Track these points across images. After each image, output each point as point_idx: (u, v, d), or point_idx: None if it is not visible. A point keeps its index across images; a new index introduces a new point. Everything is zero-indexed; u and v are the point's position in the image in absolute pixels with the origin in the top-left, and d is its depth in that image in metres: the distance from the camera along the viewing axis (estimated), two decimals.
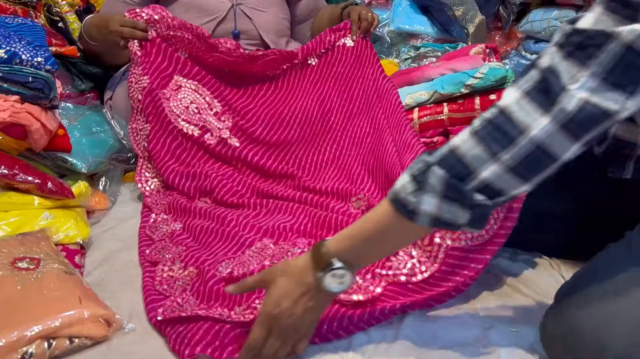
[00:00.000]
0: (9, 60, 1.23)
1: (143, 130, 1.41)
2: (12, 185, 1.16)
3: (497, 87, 1.52)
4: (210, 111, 1.46)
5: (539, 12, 1.82)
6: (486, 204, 0.72)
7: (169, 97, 1.43)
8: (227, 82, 1.55)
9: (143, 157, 1.42)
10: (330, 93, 1.55)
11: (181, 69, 1.48)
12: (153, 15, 1.45)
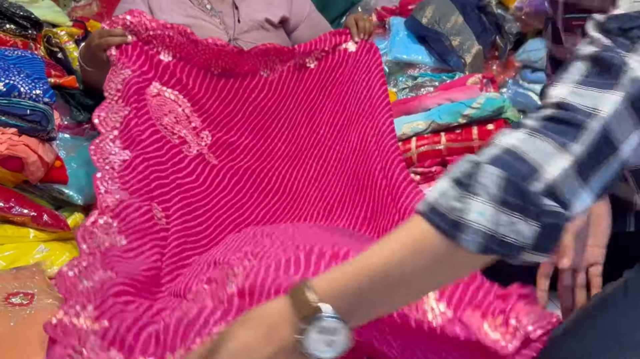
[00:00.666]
0: (8, 93, 1.24)
1: (120, 112, 1.25)
2: (8, 217, 1.16)
3: (494, 116, 1.53)
4: (189, 124, 1.38)
5: (536, 42, 1.85)
6: (559, 213, 0.54)
7: (147, 103, 1.33)
8: (212, 89, 1.46)
9: (108, 134, 1.21)
10: (323, 103, 1.49)
11: (161, 76, 1.39)
12: (130, 20, 1.37)
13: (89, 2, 2.22)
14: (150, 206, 1.12)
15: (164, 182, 1.22)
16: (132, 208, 1.07)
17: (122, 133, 1.20)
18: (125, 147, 1.19)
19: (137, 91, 1.30)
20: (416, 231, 0.54)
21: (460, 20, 1.93)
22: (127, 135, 1.20)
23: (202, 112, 1.42)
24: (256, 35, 1.71)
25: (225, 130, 1.42)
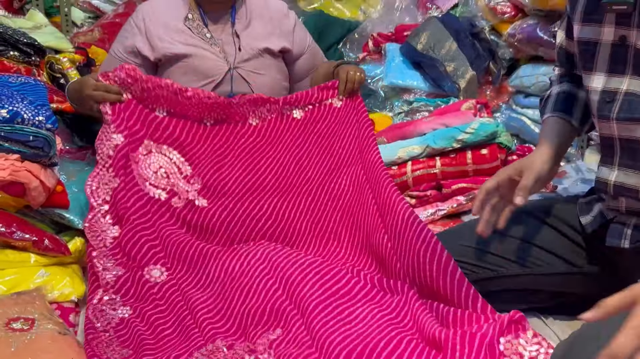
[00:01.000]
0: (11, 119, 1.26)
1: (110, 183, 1.34)
2: (9, 242, 1.17)
3: (488, 141, 1.56)
4: (179, 175, 1.43)
5: (528, 68, 1.89)
6: None
7: (138, 162, 1.41)
8: (205, 138, 1.50)
9: (99, 208, 1.31)
10: (310, 149, 1.51)
11: (152, 133, 1.45)
12: (126, 79, 1.43)
13: (91, 29, 2.27)
14: (145, 272, 1.23)
15: (154, 244, 1.29)
16: (130, 282, 1.21)
17: (112, 208, 1.30)
18: (115, 223, 1.29)
19: (128, 159, 1.37)
20: None
21: (455, 46, 1.97)
22: (116, 211, 1.30)
23: (193, 160, 1.45)
24: (255, 63, 1.74)
25: (214, 172, 1.45)
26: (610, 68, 0.95)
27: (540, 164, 1.02)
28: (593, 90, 0.97)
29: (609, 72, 0.95)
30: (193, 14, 1.76)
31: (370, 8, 2.47)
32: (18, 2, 2.34)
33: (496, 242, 1.10)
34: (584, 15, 0.98)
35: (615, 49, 0.94)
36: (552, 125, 1.08)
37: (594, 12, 0.95)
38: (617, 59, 0.94)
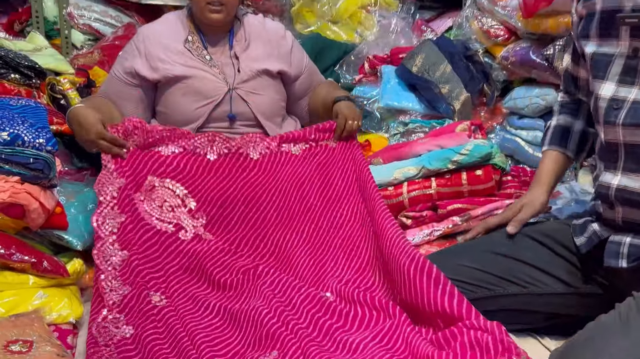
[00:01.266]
0: (12, 142, 1.28)
1: (116, 218, 1.38)
2: (8, 264, 1.18)
3: (483, 162, 1.58)
4: (184, 208, 1.46)
5: (522, 90, 1.92)
6: None
7: (143, 199, 1.44)
8: (208, 171, 1.54)
9: (107, 239, 1.34)
10: (312, 177, 1.55)
11: (156, 169, 1.49)
12: (133, 130, 1.50)
13: (91, 51, 2.29)
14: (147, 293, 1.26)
15: (158, 274, 1.33)
16: (134, 300, 1.24)
17: (119, 237, 1.34)
18: (123, 248, 1.33)
19: (132, 197, 1.41)
20: None
21: (449, 69, 2.00)
22: (124, 239, 1.34)
23: (196, 193, 1.48)
24: (254, 84, 1.77)
25: (218, 206, 1.47)
26: (621, 78, 1.00)
27: (540, 205, 1.20)
28: (602, 98, 1.02)
29: (620, 82, 1.00)
30: (193, 37, 1.80)
31: (366, 31, 2.50)
32: (19, 24, 2.38)
33: (493, 262, 1.12)
34: (600, 31, 1.03)
35: (628, 60, 0.99)
36: (550, 159, 1.22)
37: (609, 28, 1.00)
38: (629, 70, 0.99)
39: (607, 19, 1.01)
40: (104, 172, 1.45)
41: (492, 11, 2.04)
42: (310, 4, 2.51)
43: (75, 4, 2.41)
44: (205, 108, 1.72)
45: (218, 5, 1.70)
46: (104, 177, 1.42)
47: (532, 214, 1.18)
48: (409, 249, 1.21)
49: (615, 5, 0.99)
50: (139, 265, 1.30)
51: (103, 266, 1.27)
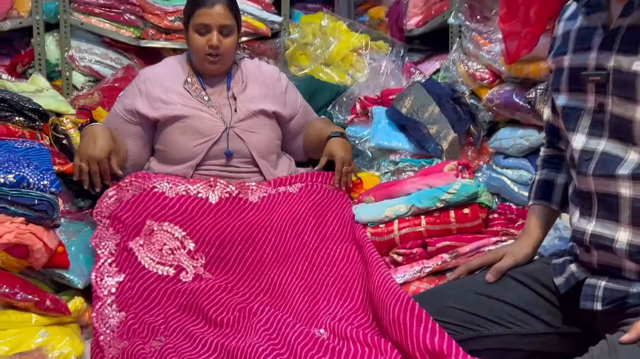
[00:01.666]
0: (18, 184, 1.33)
1: (115, 277, 1.44)
2: (12, 303, 1.22)
3: (469, 201, 1.64)
4: (183, 250, 1.51)
5: (507, 131, 1.99)
6: None
7: (143, 244, 1.50)
8: (206, 212, 1.60)
9: (105, 299, 1.40)
10: (307, 216, 1.62)
11: (155, 213, 1.56)
12: (135, 180, 1.65)
13: (91, 92, 2.37)
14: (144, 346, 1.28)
15: (159, 318, 1.37)
16: (133, 350, 1.26)
17: (118, 298, 1.40)
18: (121, 309, 1.39)
19: (130, 251, 1.48)
20: None
21: (437, 110, 2.08)
22: (122, 299, 1.40)
23: (194, 234, 1.54)
24: (251, 123, 1.85)
25: (217, 246, 1.53)
26: (590, 131, 1.06)
27: (522, 257, 1.23)
28: (574, 149, 1.08)
29: (589, 135, 1.06)
30: (192, 79, 1.89)
31: (357, 72, 2.60)
32: (21, 66, 2.46)
33: (477, 303, 1.16)
34: (569, 86, 1.10)
35: (595, 114, 1.05)
36: (536, 213, 1.27)
37: (577, 83, 1.07)
38: (596, 123, 1.05)
39: (575, 75, 1.07)
40: (100, 227, 1.52)
41: (478, 55, 2.14)
42: (303, 47, 2.62)
43: (76, 47, 2.50)
44: (203, 146, 1.79)
45: (215, 56, 1.80)
46: (101, 232, 1.50)
47: (512, 264, 1.20)
48: (395, 289, 1.26)
49: (581, 63, 1.06)
50: (135, 324, 1.34)
51: (101, 329, 1.32)
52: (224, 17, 1.80)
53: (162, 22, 2.60)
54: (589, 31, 1.06)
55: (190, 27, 1.82)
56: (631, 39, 0.98)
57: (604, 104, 1.03)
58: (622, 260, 1.00)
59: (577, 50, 1.08)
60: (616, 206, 1.01)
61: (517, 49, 1.74)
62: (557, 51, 1.14)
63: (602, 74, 1.01)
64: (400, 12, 2.70)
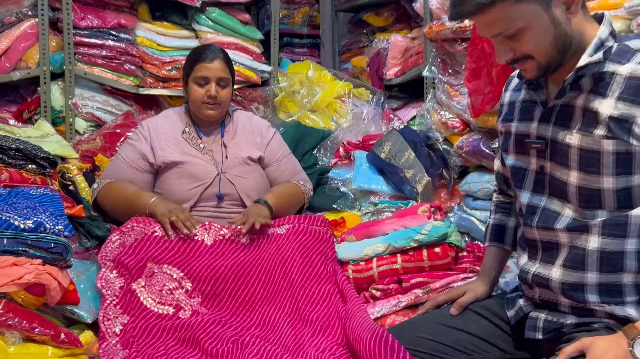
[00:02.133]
0: (36, 229, 1.49)
1: (119, 318, 1.59)
2: (31, 336, 1.37)
3: (440, 241, 1.82)
4: (181, 290, 1.67)
5: (475, 176, 2.18)
6: None
7: (145, 285, 1.66)
8: (202, 254, 1.76)
9: (110, 339, 1.54)
10: (294, 256, 1.78)
11: (155, 256, 1.71)
12: (137, 226, 1.79)
13: (93, 137, 2.54)
14: None
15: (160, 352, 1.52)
16: None
17: (122, 338, 1.55)
18: (125, 348, 1.53)
19: (133, 293, 1.63)
20: None
21: (413, 155, 2.28)
22: (126, 339, 1.55)
23: (191, 274, 1.70)
24: (240, 169, 2.03)
25: (212, 284, 1.68)
26: (534, 188, 1.24)
27: (482, 293, 1.41)
28: (522, 203, 1.26)
29: (533, 192, 1.24)
30: (189, 128, 2.07)
31: (340, 118, 2.80)
32: (28, 113, 2.63)
33: (444, 334, 1.33)
34: (515, 149, 1.28)
35: (537, 175, 1.23)
36: (491, 255, 1.44)
37: (522, 147, 1.25)
38: (538, 182, 1.23)
39: (520, 141, 1.26)
40: (105, 269, 1.67)
41: (450, 105, 2.35)
42: (291, 95, 2.82)
43: (80, 95, 2.67)
44: (197, 189, 1.96)
45: (213, 104, 1.99)
46: (106, 274, 1.65)
47: (472, 299, 1.38)
48: (371, 325, 1.43)
49: (525, 131, 1.24)
50: (138, 356, 1.49)
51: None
52: (221, 70, 1.99)
53: (160, 71, 2.79)
54: (531, 104, 1.25)
55: (191, 80, 2.00)
56: (564, 115, 1.16)
57: (544, 167, 1.21)
58: (558, 296, 1.18)
59: (522, 119, 1.26)
60: (555, 252, 1.19)
61: (482, 104, 1.95)
62: (505, 117, 1.33)
63: (542, 143, 1.19)
64: (380, 62, 2.92)
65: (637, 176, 1.09)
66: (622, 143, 1.07)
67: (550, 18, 1.09)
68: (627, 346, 1.03)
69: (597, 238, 1.13)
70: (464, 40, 2.21)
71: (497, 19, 1.09)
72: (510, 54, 1.13)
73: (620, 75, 1.08)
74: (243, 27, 2.92)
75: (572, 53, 1.12)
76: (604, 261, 1.13)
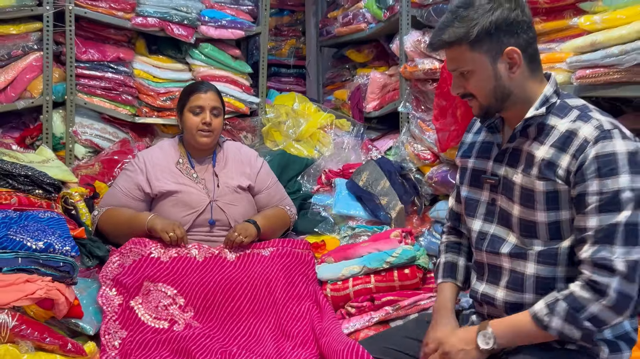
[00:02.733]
0: (46, 249, 1.67)
1: (118, 333, 1.74)
2: (42, 346, 1.54)
3: (409, 263, 2.01)
4: (175, 306, 1.83)
5: (443, 203, 2.40)
6: (592, 330, 1.21)
7: (142, 302, 1.82)
8: (193, 271, 1.93)
9: (109, 353, 1.68)
10: (277, 277, 1.95)
11: (151, 276, 1.88)
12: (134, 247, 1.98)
13: (92, 163, 2.71)
14: None
15: None
16: None
17: (120, 351, 1.71)
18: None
19: (131, 309, 1.79)
20: (530, 321, 1.28)
21: (388, 184, 2.48)
22: (124, 352, 1.70)
23: (184, 291, 1.86)
24: (230, 197, 2.22)
25: (202, 299, 1.85)
26: (485, 218, 1.43)
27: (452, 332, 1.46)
28: (473, 230, 1.46)
29: (484, 220, 1.44)
30: (183, 159, 2.26)
31: (323, 147, 3.00)
32: (30, 139, 2.80)
33: (408, 345, 1.50)
34: (470, 182, 1.48)
35: (488, 206, 1.43)
36: (445, 291, 1.52)
37: (477, 182, 1.45)
38: (489, 213, 1.43)
39: (476, 175, 1.46)
40: (105, 287, 1.84)
41: (422, 139, 2.57)
42: (277, 125, 3.02)
43: (79, 123, 2.84)
44: (191, 216, 2.15)
45: (208, 131, 2.18)
46: (106, 292, 1.82)
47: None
48: (345, 339, 1.62)
49: (481, 168, 1.44)
50: None
51: None
52: (215, 100, 2.20)
53: (155, 101, 2.98)
54: (488, 145, 1.45)
55: (186, 110, 2.20)
56: (513, 157, 1.36)
57: (495, 199, 1.41)
58: (502, 313, 1.39)
59: (479, 157, 1.46)
60: (499, 274, 1.40)
61: (447, 141, 2.17)
62: (463, 154, 1.53)
63: (495, 179, 1.40)
64: (360, 96, 3.15)
65: (564, 211, 1.30)
66: (551, 183, 1.29)
67: (494, 71, 1.30)
68: (474, 337, 1.31)
69: (534, 264, 1.33)
70: (434, 80, 2.45)
71: (454, 57, 1.32)
72: (460, 89, 1.35)
73: (557, 128, 1.29)
74: (234, 61, 3.13)
75: (511, 103, 1.33)
76: (539, 284, 1.32)
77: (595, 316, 1.21)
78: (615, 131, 1.23)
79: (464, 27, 1.27)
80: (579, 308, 1.22)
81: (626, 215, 1.19)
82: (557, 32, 1.92)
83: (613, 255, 1.19)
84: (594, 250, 1.22)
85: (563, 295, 1.25)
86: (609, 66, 1.63)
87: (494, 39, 1.28)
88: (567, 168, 1.26)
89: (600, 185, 1.21)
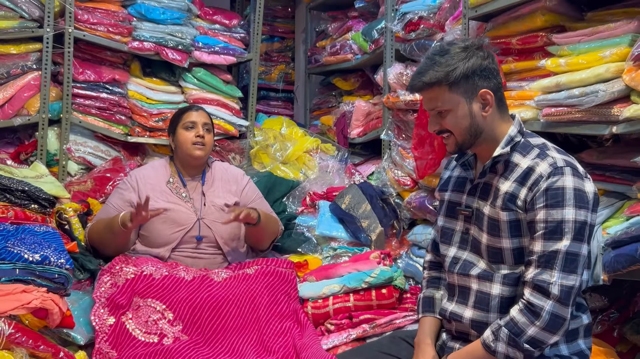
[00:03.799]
0: (42, 261, 1.76)
1: (109, 353, 1.80)
2: (35, 354, 1.62)
3: (387, 283, 2.13)
4: (164, 320, 1.91)
5: (420, 228, 2.52)
6: (532, 350, 1.34)
7: (132, 317, 1.90)
8: (181, 288, 2.01)
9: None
10: (261, 295, 2.03)
11: (141, 292, 1.97)
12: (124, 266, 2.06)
13: (84, 180, 2.79)
14: None
15: None
16: None
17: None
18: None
19: (122, 329, 1.88)
20: (480, 348, 1.42)
21: (369, 207, 2.61)
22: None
23: (172, 306, 1.95)
24: (217, 215, 2.33)
25: (190, 314, 1.93)
26: (459, 245, 1.57)
27: None
28: (447, 256, 1.58)
29: (458, 247, 1.57)
30: (173, 178, 2.37)
31: (308, 170, 3.12)
32: (24, 154, 2.88)
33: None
34: (446, 212, 1.61)
35: (462, 235, 1.56)
36: (427, 323, 1.61)
37: (452, 213, 1.59)
38: (463, 241, 1.56)
39: (452, 207, 1.60)
40: (97, 305, 1.93)
41: (402, 165, 2.71)
42: (265, 148, 3.14)
43: (73, 141, 2.94)
44: (179, 234, 2.24)
45: (201, 144, 2.30)
46: (98, 311, 1.91)
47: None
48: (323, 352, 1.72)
49: (456, 200, 1.58)
50: None
51: None
52: (206, 117, 2.36)
53: (148, 122, 3.09)
54: (463, 180, 1.59)
55: (180, 127, 2.33)
56: (484, 191, 1.50)
57: (468, 229, 1.54)
58: (469, 329, 1.51)
59: (454, 191, 1.60)
60: (468, 295, 1.52)
61: (425, 169, 2.31)
62: (441, 188, 1.67)
63: (469, 210, 1.53)
64: (345, 123, 3.28)
65: (526, 238, 1.44)
66: (513, 213, 1.42)
67: (469, 110, 1.45)
68: None
69: (499, 286, 1.46)
70: (414, 111, 2.59)
71: (433, 97, 1.45)
72: (437, 126, 1.49)
73: (520, 165, 1.44)
74: (225, 85, 3.26)
75: (482, 140, 1.48)
76: (502, 304, 1.45)
77: (532, 338, 1.35)
78: (567, 168, 1.38)
79: (443, 71, 1.42)
80: (518, 332, 1.36)
81: (566, 244, 1.34)
82: (527, 72, 2.08)
83: (552, 278, 1.34)
84: (536, 272, 1.36)
85: (504, 321, 1.38)
86: (571, 106, 1.78)
87: (469, 82, 1.43)
88: (524, 199, 1.40)
89: (547, 214, 1.36)
